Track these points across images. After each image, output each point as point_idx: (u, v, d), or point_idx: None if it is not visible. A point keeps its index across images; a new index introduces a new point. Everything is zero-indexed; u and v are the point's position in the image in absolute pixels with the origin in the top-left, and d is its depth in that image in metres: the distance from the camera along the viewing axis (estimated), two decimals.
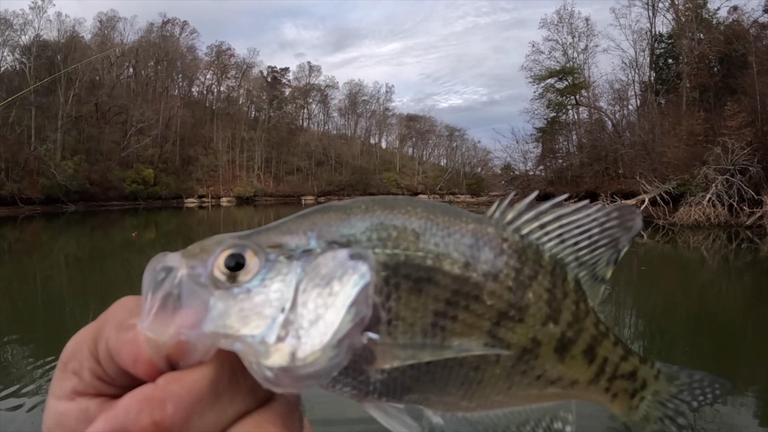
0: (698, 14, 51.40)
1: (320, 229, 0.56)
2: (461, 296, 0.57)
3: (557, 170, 63.27)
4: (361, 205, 0.59)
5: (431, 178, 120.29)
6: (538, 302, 0.61)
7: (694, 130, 42.81)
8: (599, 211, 0.66)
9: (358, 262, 0.53)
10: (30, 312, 12.91)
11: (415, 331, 0.55)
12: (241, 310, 0.50)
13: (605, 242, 0.66)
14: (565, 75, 62.83)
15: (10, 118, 67.36)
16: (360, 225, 0.56)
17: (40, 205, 64.17)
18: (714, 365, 8.78)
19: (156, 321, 0.49)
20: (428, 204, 0.61)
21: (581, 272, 0.66)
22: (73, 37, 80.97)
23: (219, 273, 0.52)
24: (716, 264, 20.94)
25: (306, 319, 0.50)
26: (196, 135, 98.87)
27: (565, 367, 0.64)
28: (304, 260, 0.54)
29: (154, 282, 0.51)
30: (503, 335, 0.59)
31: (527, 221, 0.65)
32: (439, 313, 0.56)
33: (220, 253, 0.53)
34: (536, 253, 0.64)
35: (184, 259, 0.53)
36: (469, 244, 0.59)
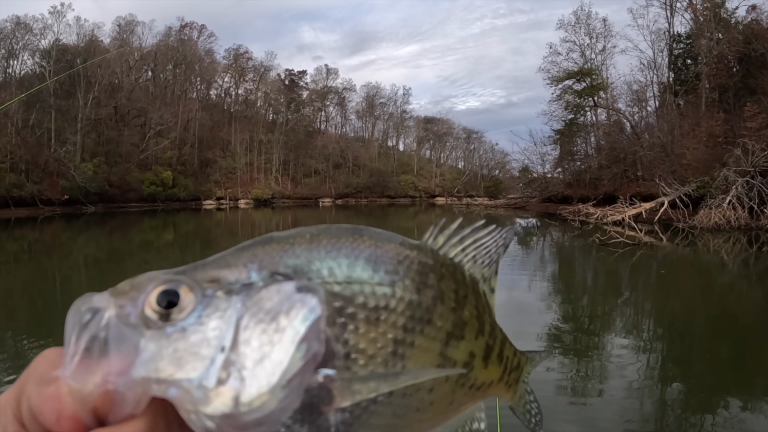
0: (716, 14, 50.91)
1: (261, 260, 0.53)
2: (417, 321, 0.57)
3: (575, 172, 62.86)
4: (306, 234, 0.57)
5: (449, 180, 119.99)
6: (471, 319, 0.64)
7: (714, 131, 42.41)
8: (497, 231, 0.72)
9: (306, 295, 0.50)
10: (49, 312, 13.01)
11: (376, 362, 0.53)
12: (176, 351, 0.46)
13: (496, 258, 0.72)
14: (583, 76, 62.49)
15: (30, 121, 68.34)
16: (306, 255, 0.54)
17: (60, 207, 64.87)
18: (733, 370, 8.67)
19: (80, 368, 0.44)
20: (373, 232, 0.61)
21: (485, 286, 0.71)
22: (92, 41, 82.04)
23: (150, 311, 0.48)
24: (736, 267, 20.67)
25: (250, 358, 0.47)
26: (215, 137, 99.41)
27: (488, 372, 0.68)
28: (244, 294, 0.50)
29: (79, 325, 0.47)
30: (451, 354, 0.61)
31: (452, 245, 0.68)
32: (398, 341, 0.55)
33: (152, 290, 0.48)
34: (462, 273, 0.67)
35: (113, 298, 0.49)
36: (417, 270, 0.59)
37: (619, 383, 7.64)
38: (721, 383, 8.08)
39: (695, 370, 8.85)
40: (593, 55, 65.35)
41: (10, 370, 8.55)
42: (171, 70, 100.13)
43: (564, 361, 8.82)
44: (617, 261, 20.77)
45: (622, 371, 8.27)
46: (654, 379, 8.12)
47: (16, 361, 9.04)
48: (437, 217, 38.66)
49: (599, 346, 9.92)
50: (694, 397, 7.45)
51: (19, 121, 67.13)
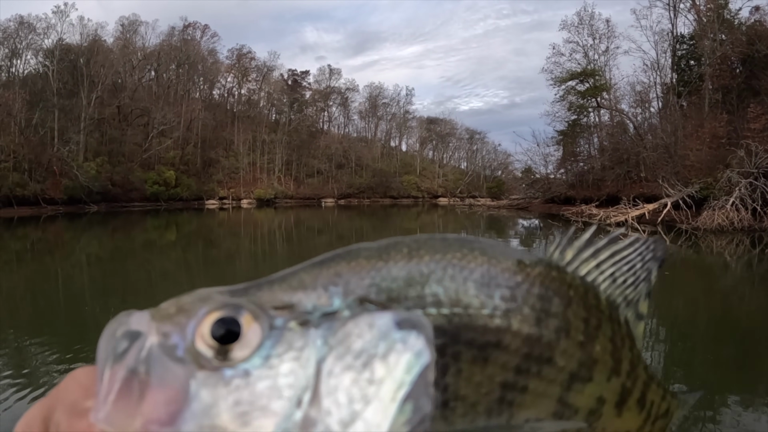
0: (720, 15, 50.74)
1: (347, 281, 0.43)
2: (533, 361, 0.47)
3: (578, 173, 62.77)
4: (402, 248, 0.46)
5: (452, 181, 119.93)
6: (604, 355, 0.53)
7: (717, 132, 42.30)
8: (641, 243, 0.62)
9: (410, 334, 0.39)
10: (51, 310, 13.04)
11: (478, 411, 0.44)
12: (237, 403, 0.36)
13: (644, 276, 0.61)
14: (586, 77, 62.39)
15: (33, 120, 68.45)
16: (404, 276, 0.44)
17: (63, 206, 65.01)
18: (736, 371, 8.65)
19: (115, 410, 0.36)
20: (485, 244, 0.50)
21: (628, 312, 0.59)
22: (95, 40, 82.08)
23: (203, 346, 0.38)
24: (739, 269, 20.65)
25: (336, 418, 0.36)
26: (217, 137, 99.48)
27: (621, 421, 0.56)
28: (326, 328, 0.40)
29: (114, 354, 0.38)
30: (572, 400, 0.50)
31: (585, 260, 0.57)
32: (507, 386, 0.46)
33: (205, 315, 0.39)
34: (596, 296, 0.56)
35: (155, 322, 0.39)
36: (539, 294, 0.49)
37: None
38: (723, 385, 8.06)
39: (697, 372, 8.83)
40: (596, 56, 65.35)
41: (11, 368, 8.56)
42: (174, 69, 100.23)
43: None
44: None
45: None
46: None
47: (17, 360, 9.05)
48: (440, 217, 39.09)
49: None
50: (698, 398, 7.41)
51: (22, 120, 67.26)
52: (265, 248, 31.58)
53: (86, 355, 9.00)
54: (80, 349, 9.62)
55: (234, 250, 29.95)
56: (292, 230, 45.15)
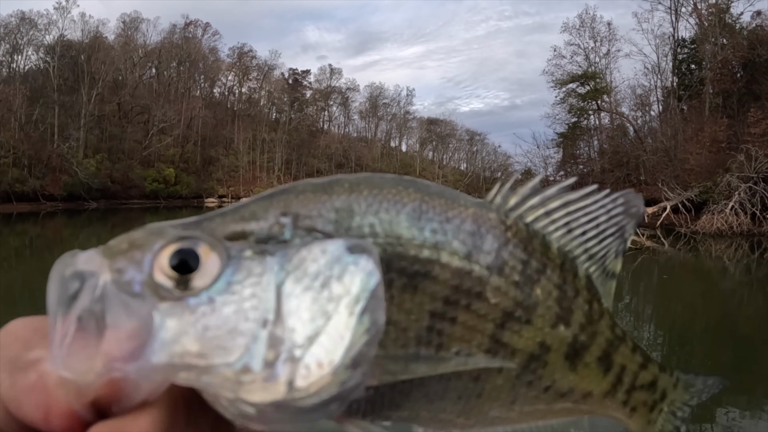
0: (721, 19, 50.72)
1: (296, 213, 0.45)
2: (462, 293, 0.48)
3: (578, 176, 62.52)
4: (344, 183, 0.49)
5: (451, 182, 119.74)
6: (547, 300, 0.52)
7: (717, 136, 42.31)
8: (606, 197, 0.59)
9: (361, 257, 0.42)
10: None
11: (409, 337, 0.46)
12: (206, 328, 0.37)
13: (612, 231, 0.59)
14: (586, 80, 62.38)
15: (33, 116, 68.44)
16: (345, 209, 0.46)
17: (62, 202, 64.97)
18: (734, 375, 8.64)
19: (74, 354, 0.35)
20: (421, 184, 0.52)
21: (591, 267, 0.58)
22: (96, 37, 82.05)
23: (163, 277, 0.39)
24: (738, 273, 20.65)
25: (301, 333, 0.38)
26: (217, 135, 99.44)
27: (578, 377, 0.56)
28: (281, 255, 0.42)
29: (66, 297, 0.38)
30: (508, 339, 0.50)
31: (532, 207, 0.56)
32: (436, 315, 0.47)
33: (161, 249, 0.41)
34: (543, 244, 0.55)
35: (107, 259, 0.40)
36: (470, 231, 0.50)
37: None
38: (721, 389, 8.05)
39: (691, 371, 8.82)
40: (597, 58, 65.33)
41: None
42: (175, 67, 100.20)
43: None
44: None
45: None
46: None
47: None
48: None
49: None
50: None
51: (22, 116, 67.25)
52: None
53: None
54: None
55: None
56: None
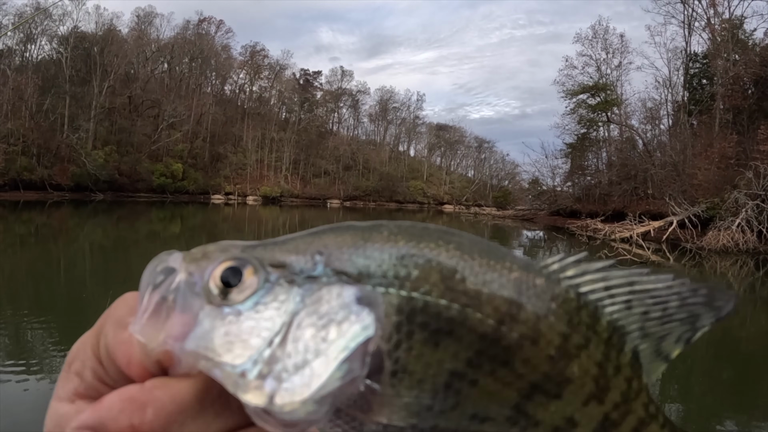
0: (734, 35, 50.64)
1: (331, 253, 0.49)
2: (487, 359, 0.48)
3: (585, 187, 62.72)
4: (384, 230, 0.50)
5: (458, 188, 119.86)
6: (583, 377, 0.51)
7: (726, 152, 42.19)
8: (684, 285, 0.55)
9: (364, 310, 0.46)
10: (51, 295, 13.07)
11: (423, 389, 0.47)
12: (227, 333, 0.46)
13: (682, 317, 0.56)
14: (597, 91, 62.33)
15: (44, 106, 68.75)
16: (377, 256, 0.48)
17: (69, 192, 65.26)
18: (734, 394, 8.60)
19: (148, 325, 0.46)
20: (466, 239, 0.52)
21: (642, 344, 0.55)
22: (110, 30, 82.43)
23: (213, 285, 0.47)
24: (742, 291, 20.52)
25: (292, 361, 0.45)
26: (227, 133, 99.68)
27: None
28: (306, 288, 0.48)
29: (153, 282, 0.48)
30: (533, 411, 0.50)
31: (591, 280, 0.53)
32: (455, 374, 0.48)
33: (220, 263, 0.48)
34: (593, 316, 0.53)
35: (185, 263, 0.49)
36: (508, 297, 0.49)
37: None
38: (721, 407, 8.01)
39: (695, 393, 8.78)
40: (609, 70, 65.26)
41: (8, 350, 8.58)
42: (187, 63, 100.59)
43: None
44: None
45: None
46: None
47: (15, 341, 9.06)
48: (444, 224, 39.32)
49: None
50: (693, 421, 7.39)
51: (33, 105, 67.59)
52: None
53: None
54: (76, 335, 9.61)
55: None
56: (297, 230, 44.86)
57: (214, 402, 0.46)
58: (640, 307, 0.54)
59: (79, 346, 0.52)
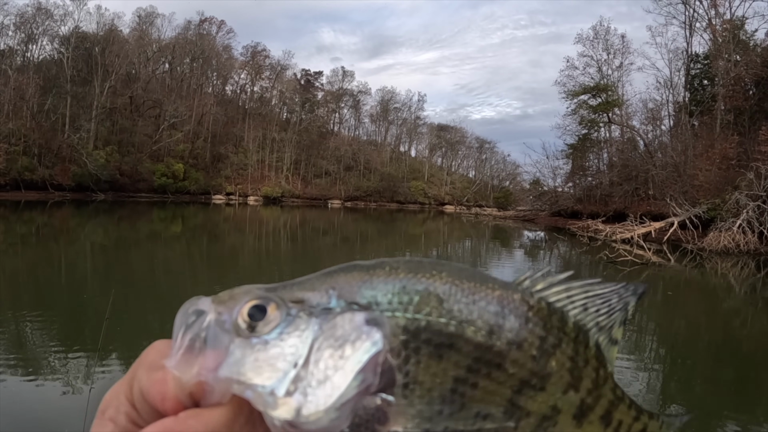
0: (735, 35, 50.57)
1: (342, 288, 0.57)
2: (483, 364, 0.57)
3: (586, 188, 62.74)
4: (385, 266, 0.59)
5: (459, 189, 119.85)
6: (560, 371, 0.61)
7: (728, 153, 42.18)
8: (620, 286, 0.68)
9: (372, 329, 0.54)
10: (52, 295, 13.07)
11: (433, 396, 0.55)
12: (256, 360, 0.52)
13: (620, 307, 0.68)
14: (598, 92, 62.33)
15: (46, 106, 68.80)
16: (382, 287, 0.57)
17: (70, 192, 65.31)
18: (735, 395, 8.59)
19: (182, 360, 0.52)
20: (455, 268, 0.61)
21: (600, 336, 0.67)
22: (111, 30, 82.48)
23: (242, 321, 0.54)
24: (743, 292, 20.54)
25: (315, 378, 0.52)
26: (228, 133, 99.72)
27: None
28: (322, 318, 0.55)
29: (185, 324, 0.54)
30: (524, 403, 0.59)
31: (557, 291, 0.65)
32: (459, 380, 0.56)
33: (246, 302, 0.55)
34: (561, 320, 0.64)
35: (214, 304, 0.55)
36: (494, 311, 0.59)
37: None
38: (721, 407, 8.00)
39: (696, 393, 8.78)
40: (610, 71, 65.27)
41: (8, 349, 8.58)
42: (188, 63, 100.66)
43: None
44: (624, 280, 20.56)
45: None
46: (654, 400, 8.05)
47: (15, 341, 9.06)
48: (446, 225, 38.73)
49: None
50: (693, 421, 7.37)
51: (34, 105, 67.70)
52: (269, 247, 31.59)
53: (83, 339, 9.02)
54: (77, 334, 9.64)
55: (238, 246, 29.98)
56: (297, 230, 45.18)
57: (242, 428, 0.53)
58: (593, 307, 0.66)
59: (112, 393, 0.56)
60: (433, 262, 0.61)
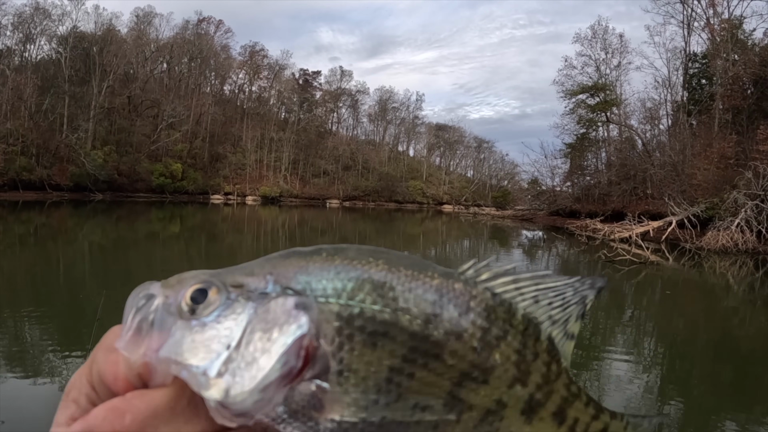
0: (734, 35, 50.52)
1: (279, 273, 0.57)
2: (419, 354, 0.55)
3: (584, 187, 62.79)
4: (323, 253, 0.59)
5: (457, 188, 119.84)
6: (505, 364, 0.59)
7: (726, 153, 42.18)
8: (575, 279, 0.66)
9: (300, 313, 0.54)
10: (50, 295, 13.05)
11: (368, 385, 0.54)
12: (193, 341, 0.53)
13: (576, 300, 0.66)
14: (596, 91, 62.30)
15: (44, 105, 68.70)
16: (317, 273, 0.56)
17: (68, 192, 65.25)
18: (733, 393, 8.59)
19: (131, 342, 0.53)
20: (394, 256, 0.60)
21: (554, 330, 0.65)
22: (109, 30, 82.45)
23: (184, 304, 0.55)
24: (741, 291, 20.55)
25: (244, 359, 0.52)
26: (226, 133, 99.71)
27: (533, 429, 0.62)
28: (258, 302, 0.55)
29: (135, 307, 0.55)
30: (465, 396, 0.57)
31: (503, 283, 0.62)
32: (394, 369, 0.55)
33: (191, 286, 0.56)
34: (508, 312, 0.61)
35: (162, 288, 0.57)
36: (432, 300, 0.57)
37: (617, 401, 7.58)
38: (720, 406, 8.00)
39: (695, 392, 8.78)
40: (608, 70, 65.36)
41: (5, 348, 8.56)
42: (186, 63, 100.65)
43: None
44: (622, 279, 20.68)
45: (620, 389, 8.21)
46: (653, 399, 8.06)
47: (12, 340, 9.04)
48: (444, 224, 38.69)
49: (599, 362, 9.85)
50: (692, 419, 7.38)
51: (32, 105, 67.62)
52: (268, 247, 31.50)
53: (79, 339, 9.00)
54: (73, 334, 9.61)
55: (236, 246, 29.95)
56: (296, 230, 45.12)
57: (184, 409, 0.53)
58: (545, 300, 0.64)
59: (76, 376, 0.58)
60: (372, 249, 0.60)
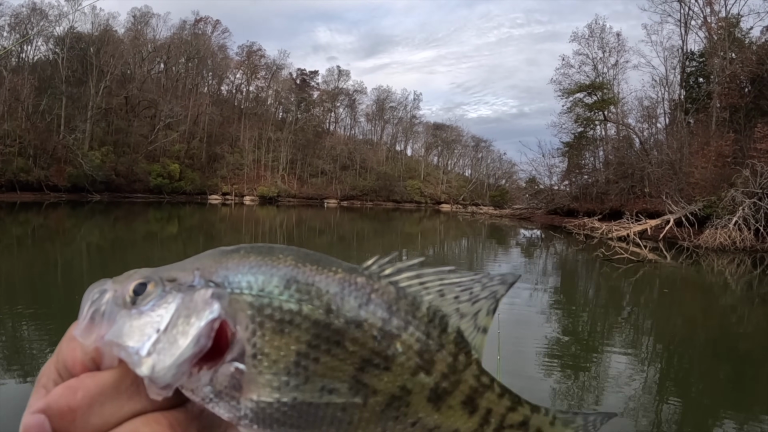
0: (731, 33, 50.58)
1: (204, 269, 0.63)
2: (322, 340, 0.60)
3: (582, 186, 62.83)
4: (241, 251, 0.65)
5: (455, 187, 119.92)
6: (407, 352, 0.63)
7: (723, 151, 42.27)
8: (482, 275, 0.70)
9: (214, 300, 0.60)
10: (48, 296, 13.03)
11: (279, 367, 0.59)
12: (131, 326, 0.59)
13: (485, 295, 0.69)
14: (594, 90, 62.38)
15: (41, 106, 68.66)
16: (234, 268, 0.63)
17: (66, 193, 65.22)
18: (731, 391, 8.60)
19: (85, 330, 0.59)
20: (302, 253, 0.66)
21: (462, 323, 0.68)
22: (106, 30, 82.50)
23: (128, 296, 0.61)
24: (739, 289, 20.57)
25: (168, 340, 0.58)
26: (224, 133, 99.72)
27: (443, 416, 0.65)
28: (186, 293, 0.61)
29: (91, 300, 0.62)
30: (368, 381, 0.62)
31: (407, 277, 0.67)
32: (301, 354, 0.60)
33: (134, 281, 0.62)
34: (411, 304, 0.65)
35: (113, 284, 0.63)
36: (334, 292, 0.62)
37: (616, 400, 7.59)
38: (718, 404, 8.01)
39: (693, 390, 8.79)
40: (605, 69, 65.39)
41: (5, 348, 8.56)
42: (183, 63, 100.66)
43: (561, 375, 8.77)
44: (620, 277, 20.70)
45: (619, 388, 8.22)
46: (651, 396, 8.06)
47: (10, 341, 9.04)
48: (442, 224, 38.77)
49: (598, 361, 9.87)
50: (690, 417, 7.39)
51: (29, 106, 67.55)
52: None
53: None
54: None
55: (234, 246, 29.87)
56: (294, 230, 45.10)
57: (128, 388, 0.59)
58: (451, 294, 0.68)
59: (46, 365, 0.63)
60: (283, 247, 0.66)
